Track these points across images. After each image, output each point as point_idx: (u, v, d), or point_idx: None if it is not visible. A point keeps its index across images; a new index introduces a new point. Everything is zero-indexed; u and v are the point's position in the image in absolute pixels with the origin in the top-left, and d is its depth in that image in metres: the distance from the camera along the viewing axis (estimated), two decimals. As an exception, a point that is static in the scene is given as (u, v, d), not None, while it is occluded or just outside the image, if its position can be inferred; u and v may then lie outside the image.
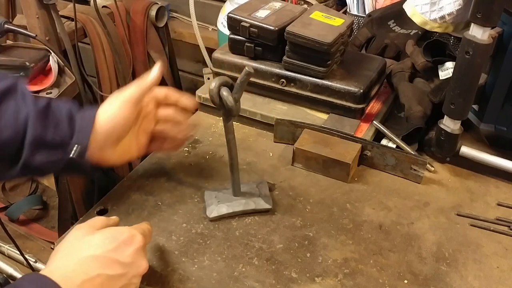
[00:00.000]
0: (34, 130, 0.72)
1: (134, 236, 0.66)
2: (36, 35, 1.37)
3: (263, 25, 1.04)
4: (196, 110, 0.86)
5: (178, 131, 0.86)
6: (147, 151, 0.86)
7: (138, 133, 0.82)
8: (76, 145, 0.74)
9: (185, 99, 0.85)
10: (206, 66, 1.75)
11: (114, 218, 0.72)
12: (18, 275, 1.83)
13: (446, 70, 1.07)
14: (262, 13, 1.07)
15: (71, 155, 0.74)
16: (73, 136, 0.74)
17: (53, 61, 1.37)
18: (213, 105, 0.77)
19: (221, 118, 0.80)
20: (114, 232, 0.65)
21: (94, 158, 0.77)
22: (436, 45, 1.10)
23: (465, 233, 0.84)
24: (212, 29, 1.89)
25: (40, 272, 0.59)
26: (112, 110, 0.77)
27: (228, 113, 0.77)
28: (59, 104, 0.77)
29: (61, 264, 0.61)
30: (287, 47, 1.03)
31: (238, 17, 1.06)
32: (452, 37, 1.22)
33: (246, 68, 0.74)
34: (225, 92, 0.75)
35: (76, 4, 1.50)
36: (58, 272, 0.59)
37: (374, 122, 1.03)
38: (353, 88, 1.02)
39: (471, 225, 0.86)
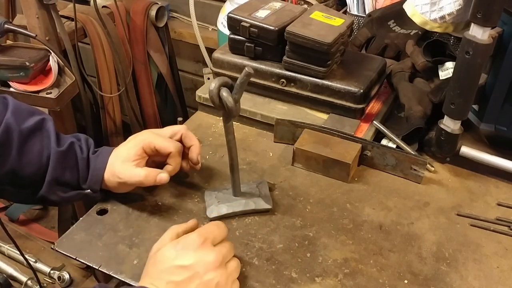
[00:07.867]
0: (54, 170, 0.80)
1: (188, 238, 0.68)
2: (36, 35, 1.37)
3: (263, 25, 1.04)
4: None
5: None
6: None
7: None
8: (88, 190, 0.83)
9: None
10: (206, 66, 1.75)
11: (189, 223, 0.74)
12: (18, 275, 1.83)
13: (446, 70, 1.07)
14: (262, 13, 1.07)
15: (84, 192, 0.83)
16: (87, 179, 0.82)
17: (53, 61, 1.37)
18: (213, 105, 0.77)
19: (221, 118, 0.80)
20: (172, 244, 0.68)
21: (110, 190, 0.85)
22: (436, 45, 1.10)
23: (465, 233, 0.84)
24: (212, 29, 1.89)
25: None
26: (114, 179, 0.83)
27: (228, 113, 0.77)
28: (80, 145, 0.84)
29: (143, 282, 0.67)
30: (287, 47, 1.03)
31: (238, 17, 1.06)
32: (452, 37, 1.22)
33: (246, 69, 0.74)
34: (225, 93, 0.75)
35: (76, 4, 1.50)
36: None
37: (374, 122, 1.03)
38: (353, 88, 1.02)
39: (471, 225, 0.86)
